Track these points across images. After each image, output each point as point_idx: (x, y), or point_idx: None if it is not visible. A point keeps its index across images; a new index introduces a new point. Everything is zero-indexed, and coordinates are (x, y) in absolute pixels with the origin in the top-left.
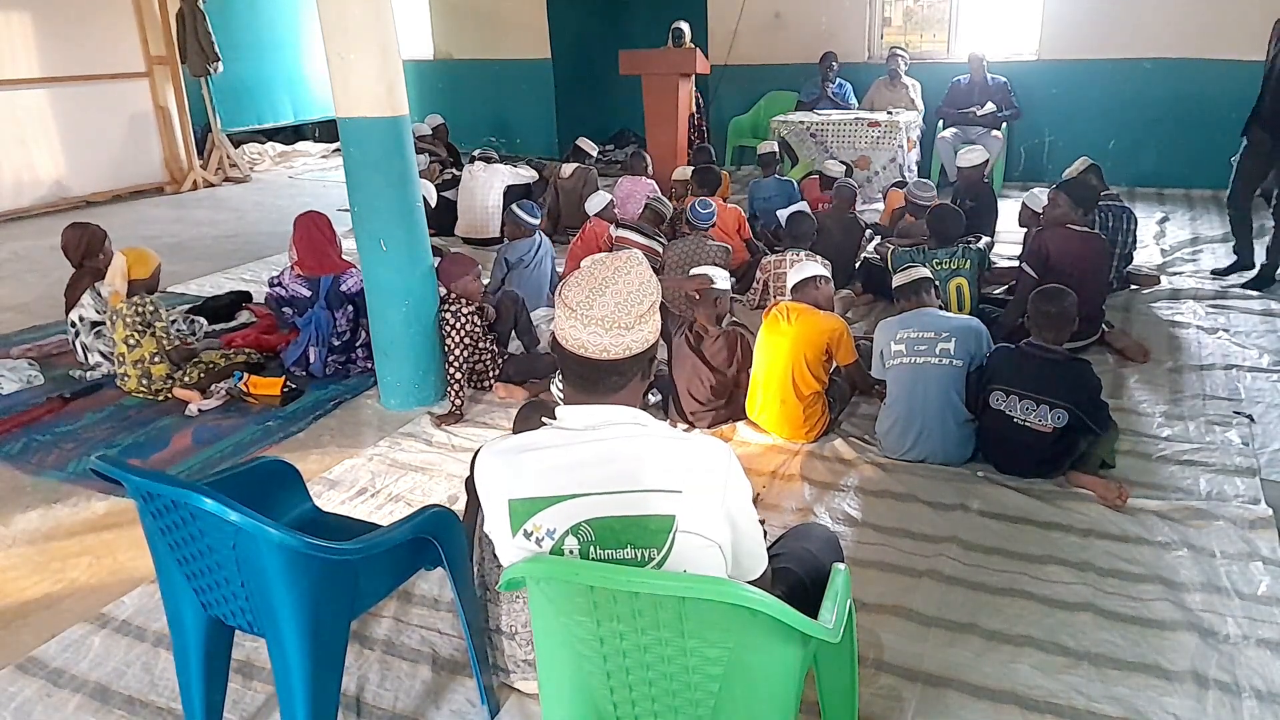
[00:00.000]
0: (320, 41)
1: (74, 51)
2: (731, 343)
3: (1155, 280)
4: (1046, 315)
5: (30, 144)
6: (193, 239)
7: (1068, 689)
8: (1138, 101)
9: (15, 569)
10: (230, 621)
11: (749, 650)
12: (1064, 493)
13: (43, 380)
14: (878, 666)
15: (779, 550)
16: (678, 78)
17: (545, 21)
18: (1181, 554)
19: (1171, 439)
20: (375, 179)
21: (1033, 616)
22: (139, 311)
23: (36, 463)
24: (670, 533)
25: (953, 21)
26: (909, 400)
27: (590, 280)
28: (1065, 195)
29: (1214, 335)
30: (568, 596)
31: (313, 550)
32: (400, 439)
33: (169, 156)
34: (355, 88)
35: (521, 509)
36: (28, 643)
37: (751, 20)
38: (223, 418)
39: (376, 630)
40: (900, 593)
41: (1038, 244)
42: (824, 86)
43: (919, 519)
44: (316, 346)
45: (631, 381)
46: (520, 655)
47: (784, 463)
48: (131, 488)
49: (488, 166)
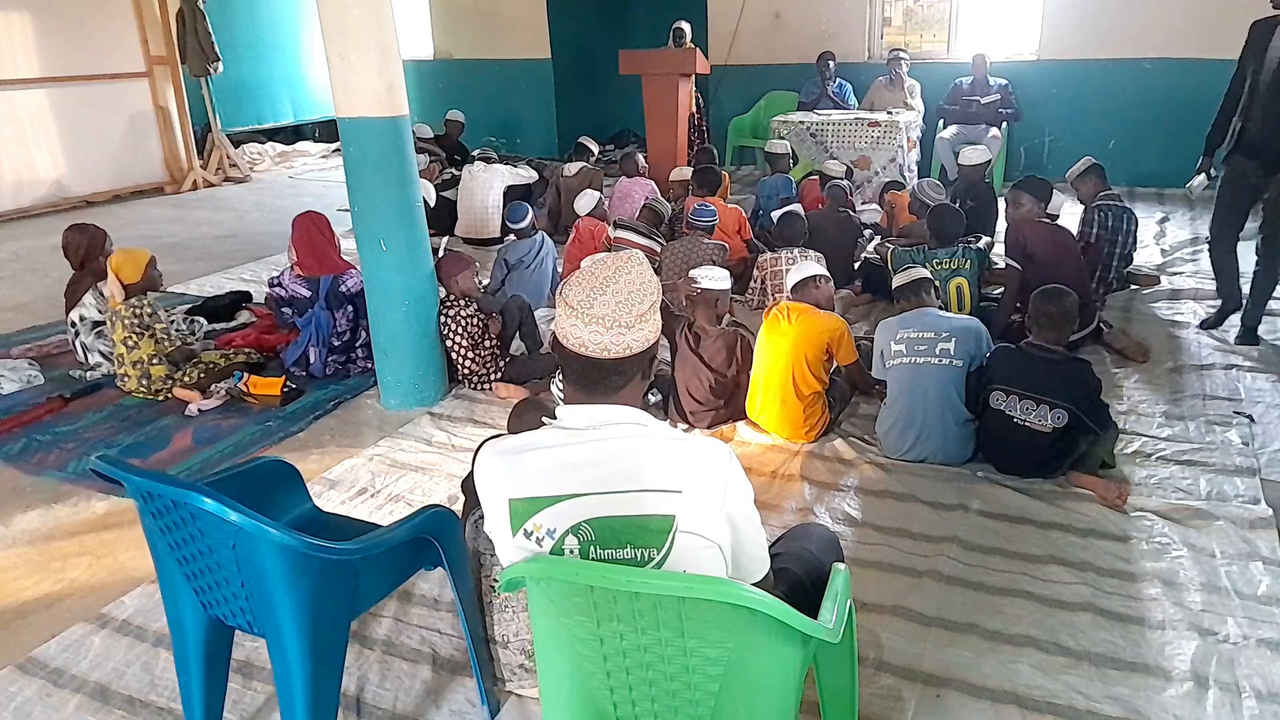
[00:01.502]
0: (320, 41)
1: (74, 51)
2: (730, 343)
3: (1155, 280)
4: (1047, 315)
5: (30, 144)
6: (193, 239)
7: (1068, 689)
8: (1138, 101)
9: (15, 569)
10: (230, 621)
11: (749, 650)
12: (1064, 493)
13: (43, 380)
14: (878, 666)
15: (779, 550)
16: (678, 78)
17: (545, 21)
18: (1181, 554)
19: (1171, 439)
20: (375, 179)
21: (1033, 616)
22: (136, 313)
23: (36, 463)
24: (670, 533)
25: (953, 21)
26: (909, 400)
27: (591, 279)
28: (1025, 193)
29: (1214, 335)
30: (568, 596)
31: (313, 550)
32: (400, 439)
33: (169, 156)
34: (355, 88)
35: (522, 509)
36: (28, 643)
37: (751, 20)
38: (223, 418)
39: (376, 630)
40: (900, 593)
41: (1015, 237)
42: (824, 86)
43: (919, 519)
44: (316, 346)
45: (632, 381)
46: (515, 662)
47: (784, 463)
48: (131, 488)
49: (487, 167)
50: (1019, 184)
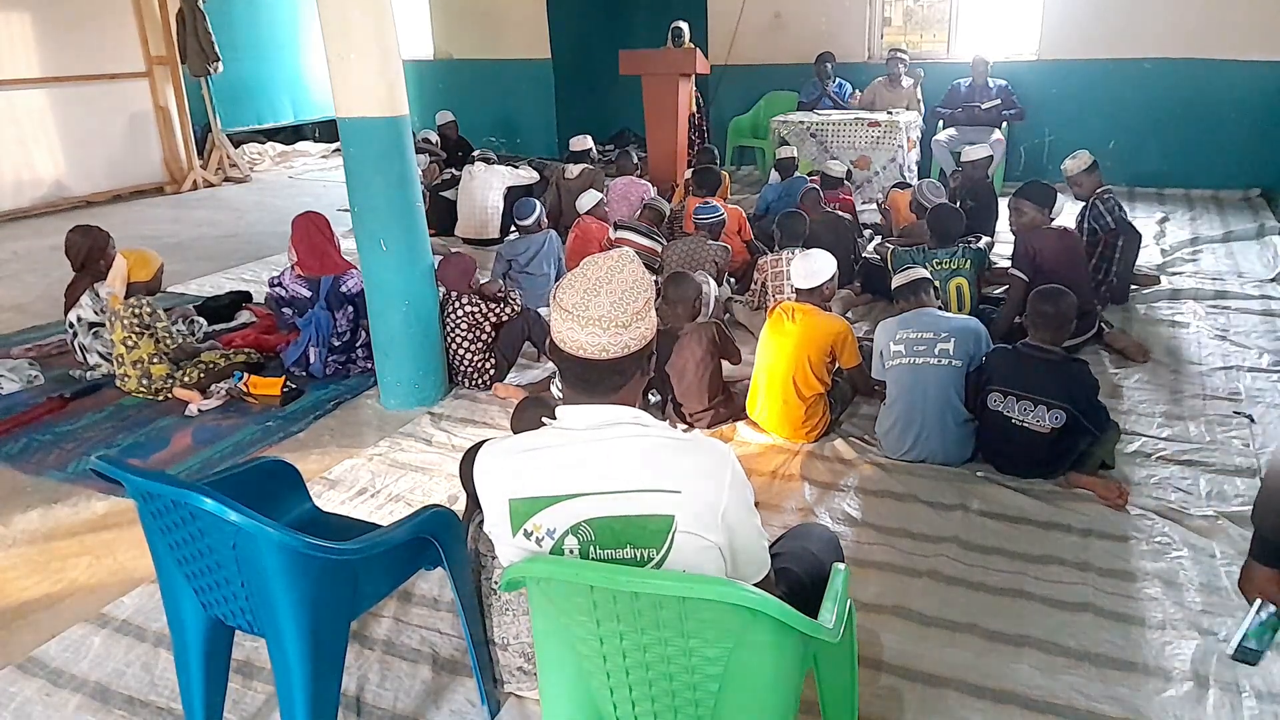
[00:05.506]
0: (320, 41)
1: (74, 51)
2: (705, 334)
3: (1155, 280)
4: (1044, 315)
5: (30, 144)
6: (193, 239)
7: (1068, 689)
8: (1137, 101)
9: (15, 569)
10: (230, 621)
11: (749, 650)
12: (1064, 493)
13: (43, 380)
14: (878, 666)
15: (779, 550)
16: (678, 78)
17: (545, 21)
18: (1181, 554)
19: (1171, 439)
20: (375, 179)
21: (1033, 616)
22: (136, 314)
23: (36, 463)
24: (669, 533)
25: (953, 21)
26: (908, 401)
27: (585, 281)
28: (1027, 200)
29: (1214, 335)
30: (568, 596)
31: (313, 550)
32: (400, 439)
33: (169, 156)
34: (355, 88)
35: (522, 509)
36: (28, 643)
37: (751, 20)
38: (223, 418)
39: (376, 630)
40: (900, 593)
41: (1024, 248)
42: (824, 85)
43: (919, 519)
44: (316, 347)
45: (631, 379)
46: (515, 664)
47: (784, 463)
48: (131, 488)
49: (487, 167)
50: (1020, 191)
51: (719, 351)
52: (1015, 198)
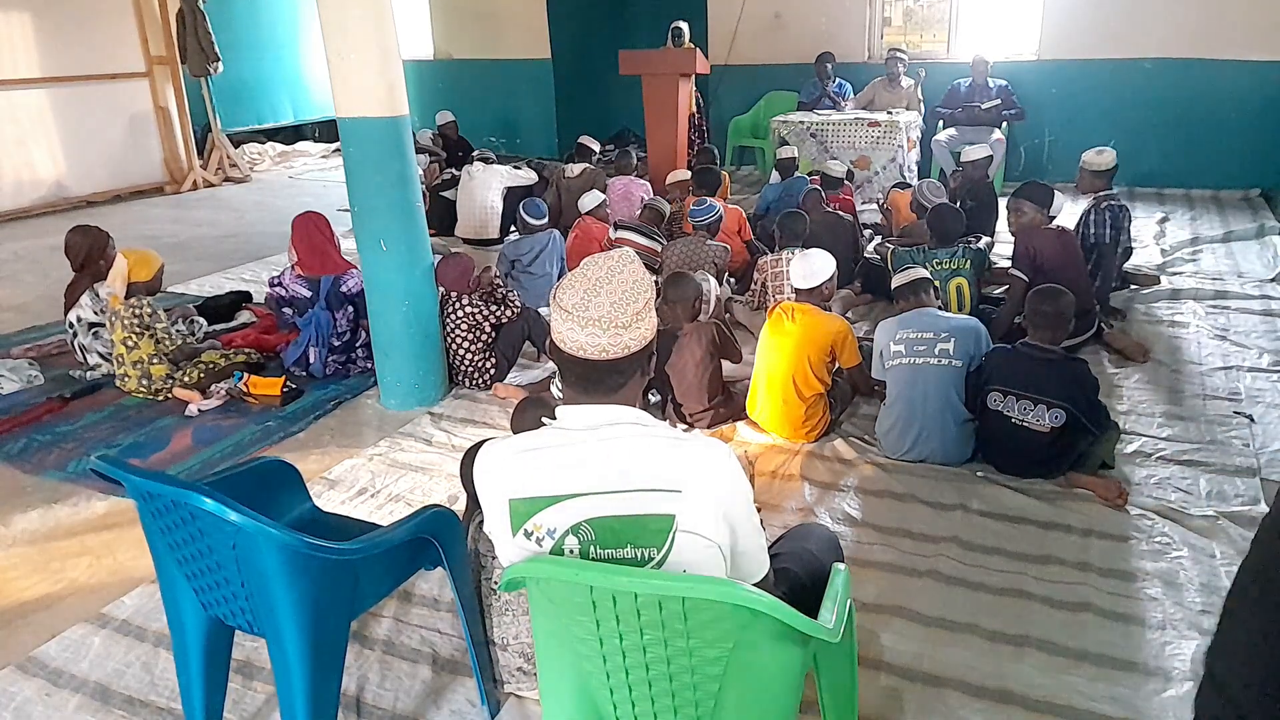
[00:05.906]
0: (320, 41)
1: (74, 51)
2: (705, 334)
3: (1155, 280)
4: (1043, 315)
5: (30, 144)
6: (193, 239)
7: (1068, 689)
8: (1138, 101)
9: (15, 569)
10: (230, 621)
11: (749, 650)
12: (1064, 493)
13: (43, 380)
14: (878, 666)
15: (779, 550)
16: (678, 78)
17: (545, 21)
18: (1181, 554)
19: (1171, 439)
20: (375, 179)
21: (1033, 616)
22: (136, 314)
23: (36, 463)
24: (670, 533)
25: (953, 21)
26: (908, 400)
27: (584, 282)
28: (1026, 200)
29: (1214, 335)
30: (568, 596)
31: (313, 550)
32: (400, 439)
33: (169, 156)
34: (355, 88)
35: (522, 509)
36: (28, 643)
37: (751, 20)
38: (223, 418)
39: (376, 630)
40: (900, 593)
41: (1024, 248)
42: (824, 85)
43: (919, 519)
44: (316, 347)
45: (631, 379)
46: (515, 664)
47: (784, 463)
48: (131, 488)
49: (486, 167)
50: (1018, 191)
51: (719, 351)
52: (1015, 198)
